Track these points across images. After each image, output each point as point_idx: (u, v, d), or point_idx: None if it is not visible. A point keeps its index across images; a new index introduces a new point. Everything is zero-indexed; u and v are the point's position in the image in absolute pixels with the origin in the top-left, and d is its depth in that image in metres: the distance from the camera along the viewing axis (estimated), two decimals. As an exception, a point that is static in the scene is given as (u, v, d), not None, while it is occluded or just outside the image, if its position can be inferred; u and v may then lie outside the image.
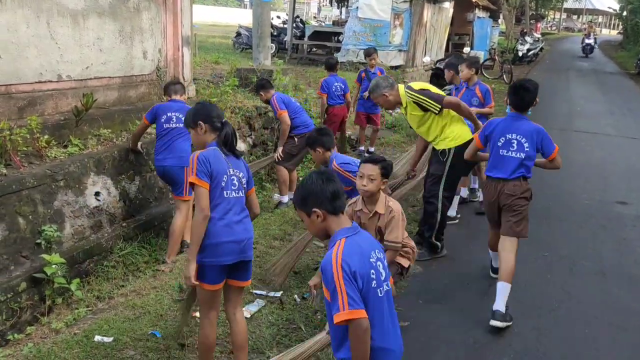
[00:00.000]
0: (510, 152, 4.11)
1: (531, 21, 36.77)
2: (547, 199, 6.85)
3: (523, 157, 4.08)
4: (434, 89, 4.90)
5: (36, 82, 5.16)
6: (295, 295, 4.37)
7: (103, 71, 5.87)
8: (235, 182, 3.12)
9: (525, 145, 4.07)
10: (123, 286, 4.64)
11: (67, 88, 5.49)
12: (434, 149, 5.03)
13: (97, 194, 5.10)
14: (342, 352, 2.23)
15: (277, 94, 6.37)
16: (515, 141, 4.09)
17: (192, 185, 3.00)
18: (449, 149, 4.85)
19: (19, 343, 3.87)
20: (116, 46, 5.97)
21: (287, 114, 6.22)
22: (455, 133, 4.85)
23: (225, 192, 3.05)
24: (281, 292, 4.40)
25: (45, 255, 4.31)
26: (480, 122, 5.14)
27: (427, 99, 4.73)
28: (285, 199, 6.45)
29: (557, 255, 5.34)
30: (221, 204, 3.04)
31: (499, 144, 4.15)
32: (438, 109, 4.74)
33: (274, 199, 6.82)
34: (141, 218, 5.51)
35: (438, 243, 5.11)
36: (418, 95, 4.74)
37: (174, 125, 5.05)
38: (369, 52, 8.50)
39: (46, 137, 4.90)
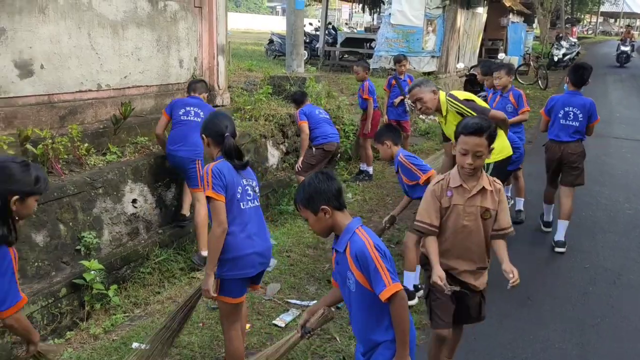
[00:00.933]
0: (568, 121, 5.36)
1: (567, 25, 36.06)
2: (588, 209, 6.67)
3: (578, 125, 5.34)
4: (479, 101, 4.66)
5: (77, 92, 5.29)
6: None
7: (140, 80, 5.97)
8: (249, 192, 3.13)
9: (580, 116, 5.33)
10: (159, 293, 4.69)
11: (106, 97, 5.60)
12: None
13: (134, 201, 5.17)
14: (380, 333, 2.34)
15: (309, 106, 6.59)
16: (572, 113, 5.35)
17: (208, 199, 2.98)
18: (488, 164, 4.48)
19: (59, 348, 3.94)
20: (153, 55, 6.07)
21: (307, 124, 6.41)
22: (496, 148, 4.63)
23: (241, 203, 3.05)
24: (315, 301, 4.37)
25: (84, 262, 4.39)
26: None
27: (472, 111, 4.44)
28: None
29: (600, 267, 5.18)
30: (239, 216, 3.03)
31: (560, 115, 5.39)
32: None
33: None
34: (176, 225, 5.56)
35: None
36: (462, 106, 4.45)
37: (191, 118, 5.16)
38: (399, 59, 8.45)
39: (86, 145, 5.00)
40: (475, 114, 4.35)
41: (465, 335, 3.90)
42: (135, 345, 3.61)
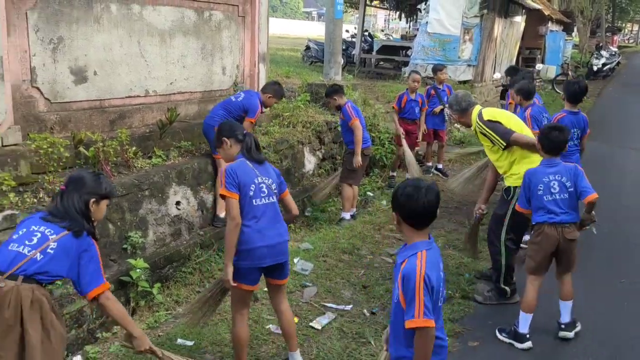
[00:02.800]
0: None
1: (607, 34, 35.40)
2: (622, 222, 6.61)
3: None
4: (507, 122, 4.39)
5: (126, 97, 5.54)
6: (365, 310, 4.45)
7: (185, 86, 6.20)
8: (264, 189, 3.34)
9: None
10: (199, 292, 4.86)
11: (153, 102, 5.85)
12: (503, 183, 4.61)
13: (177, 203, 5.38)
14: (402, 350, 2.43)
15: (350, 102, 6.51)
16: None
17: (222, 196, 3.27)
18: (514, 188, 4.37)
19: (107, 341, 4.16)
20: (198, 63, 6.30)
21: (359, 122, 6.30)
22: (522, 171, 4.24)
23: (254, 200, 3.29)
24: (351, 306, 4.50)
25: (131, 260, 4.61)
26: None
27: (493, 133, 4.33)
28: (348, 215, 6.52)
29: (634, 282, 5.16)
30: (251, 212, 3.28)
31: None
32: (503, 146, 4.33)
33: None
34: (216, 227, 5.75)
35: (507, 288, 4.62)
36: (485, 127, 4.37)
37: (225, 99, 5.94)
38: (438, 68, 8.50)
39: (134, 148, 5.24)
40: (497, 137, 4.31)
41: (498, 345, 3.97)
42: (179, 341, 3.80)
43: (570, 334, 4.10)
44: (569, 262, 4.03)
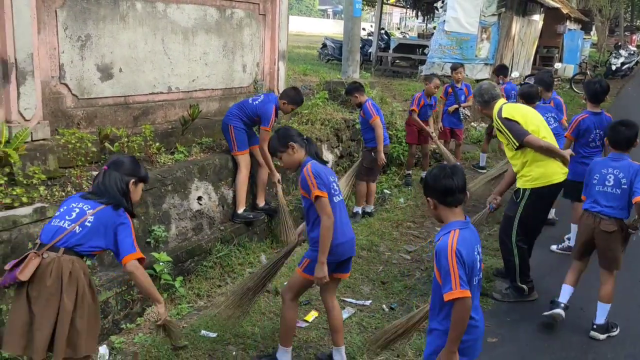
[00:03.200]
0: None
1: (626, 33, 34.98)
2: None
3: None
4: (525, 121, 4.37)
5: (150, 94, 5.64)
6: (384, 305, 4.52)
7: (207, 83, 6.30)
8: (336, 187, 3.50)
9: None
10: (220, 286, 4.96)
11: (175, 99, 5.94)
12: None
13: (199, 198, 5.48)
14: (438, 323, 2.64)
15: (370, 100, 6.58)
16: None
17: (315, 198, 3.31)
18: (524, 190, 4.40)
19: (131, 332, 4.27)
20: (219, 60, 6.38)
21: (380, 120, 6.37)
22: (533, 173, 4.34)
23: (334, 197, 3.44)
24: (370, 301, 4.57)
25: (154, 253, 4.71)
26: (564, 153, 4.52)
27: (508, 132, 4.34)
28: (360, 210, 6.61)
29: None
30: (334, 209, 3.39)
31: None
32: (516, 146, 4.34)
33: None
34: (237, 222, 5.84)
35: (524, 286, 4.65)
36: (501, 124, 4.39)
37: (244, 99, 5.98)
38: (455, 67, 8.56)
39: (157, 144, 5.34)
40: (511, 137, 4.31)
41: (516, 342, 4.02)
42: (203, 332, 3.89)
43: (601, 337, 4.13)
44: (606, 258, 4.10)
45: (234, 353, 3.75)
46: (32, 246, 2.98)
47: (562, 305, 4.21)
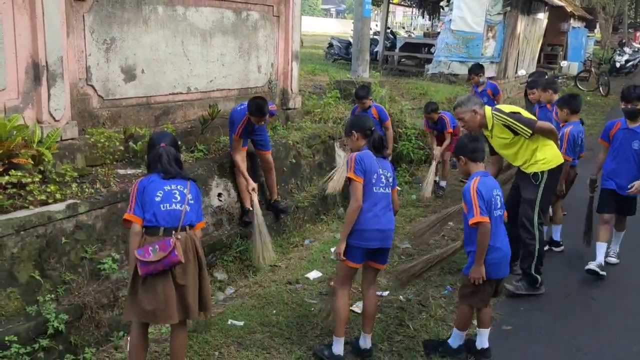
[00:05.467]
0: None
1: (630, 30, 35.10)
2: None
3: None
4: (526, 113, 4.69)
5: (170, 94, 5.82)
6: (401, 296, 4.69)
7: (224, 84, 6.48)
8: (383, 180, 3.71)
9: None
10: (247, 277, 5.13)
11: (194, 99, 6.13)
12: (522, 173, 4.78)
13: (219, 195, 5.66)
14: (470, 247, 3.67)
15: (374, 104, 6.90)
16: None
17: (349, 180, 3.64)
18: (542, 172, 4.63)
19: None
20: (236, 61, 6.56)
21: None
22: (547, 156, 4.63)
23: (374, 187, 3.64)
24: (387, 292, 4.74)
25: (179, 247, 4.88)
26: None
27: (518, 123, 4.52)
28: None
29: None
30: (371, 197, 3.63)
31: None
32: (529, 134, 4.52)
33: None
34: (247, 222, 5.99)
35: (539, 277, 4.79)
36: (508, 119, 4.52)
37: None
38: (471, 70, 8.38)
39: (178, 142, 5.50)
40: (522, 126, 4.52)
41: (530, 329, 4.19)
42: (230, 322, 4.07)
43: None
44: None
45: (263, 341, 3.93)
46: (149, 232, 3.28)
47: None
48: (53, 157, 4.41)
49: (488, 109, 4.66)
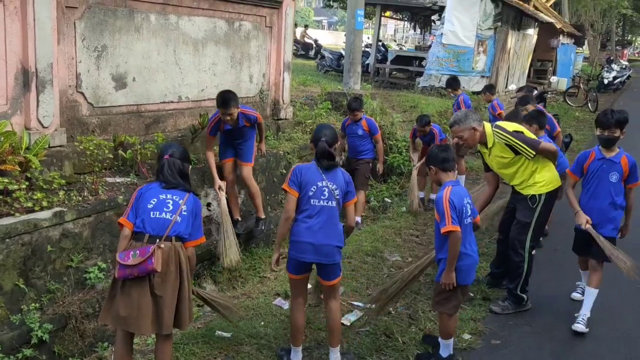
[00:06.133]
0: None
1: (617, 47, 35.60)
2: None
3: None
4: (528, 133, 4.60)
5: (161, 103, 5.80)
6: (390, 308, 4.66)
7: (215, 93, 6.33)
8: (325, 192, 3.58)
9: None
10: (234, 288, 5.08)
11: (185, 108, 6.10)
12: (518, 194, 4.65)
13: (208, 205, 5.62)
14: (442, 254, 3.68)
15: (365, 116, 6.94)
16: None
17: (284, 190, 3.66)
18: (540, 195, 4.51)
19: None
20: (227, 71, 6.55)
21: None
22: (546, 178, 4.52)
23: (312, 200, 3.57)
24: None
25: (167, 257, 4.83)
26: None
27: (522, 144, 4.39)
28: (360, 219, 6.84)
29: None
30: (307, 210, 3.58)
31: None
32: (532, 155, 4.41)
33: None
34: (245, 228, 5.97)
35: (524, 296, 4.71)
36: (511, 138, 4.40)
37: None
38: (486, 88, 8.80)
39: (168, 151, 5.47)
40: (526, 147, 4.39)
41: (519, 344, 4.17)
42: (218, 333, 4.02)
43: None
44: None
45: (251, 353, 3.88)
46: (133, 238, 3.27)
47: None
48: (41, 164, 4.37)
49: (488, 126, 4.51)
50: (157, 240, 3.17)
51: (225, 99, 5.24)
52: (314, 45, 21.16)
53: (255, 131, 5.67)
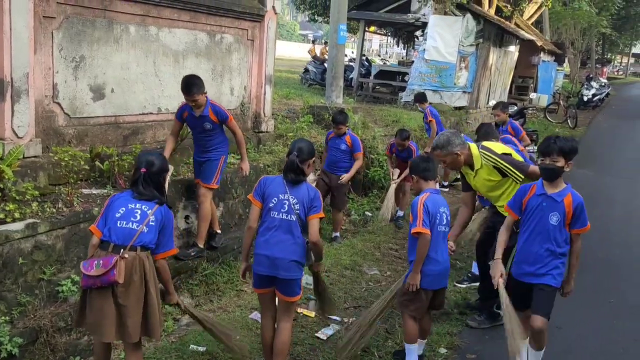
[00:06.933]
0: None
1: (597, 65, 36.25)
2: (613, 248, 6.87)
3: None
4: (515, 155, 4.48)
5: (140, 114, 5.76)
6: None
7: (195, 105, 6.42)
8: (285, 206, 3.54)
9: None
10: (211, 301, 5.03)
11: (164, 120, 6.07)
12: (501, 215, 4.37)
13: (186, 217, 5.58)
14: (412, 256, 3.83)
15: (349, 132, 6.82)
16: None
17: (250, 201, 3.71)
18: None
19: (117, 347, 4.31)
20: (208, 83, 6.51)
21: None
22: None
23: (271, 212, 3.57)
24: (353, 318, 4.69)
25: (142, 270, 4.77)
26: None
27: (512, 167, 4.28)
28: (339, 234, 6.83)
29: (623, 302, 5.39)
30: (266, 222, 3.60)
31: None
32: (521, 179, 4.27)
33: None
34: (223, 241, 5.93)
35: (500, 312, 4.35)
36: (500, 161, 4.28)
37: None
38: (498, 106, 8.50)
39: (146, 163, 5.43)
40: (515, 172, 4.26)
41: (495, 358, 4.17)
42: (192, 347, 3.97)
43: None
44: None
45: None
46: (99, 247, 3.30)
47: None
48: (14, 174, 4.30)
49: (474, 148, 4.37)
50: (122, 250, 3.17)
51: (188, 84, 4.93)
52: None
53: (225, 140, 5.38)
